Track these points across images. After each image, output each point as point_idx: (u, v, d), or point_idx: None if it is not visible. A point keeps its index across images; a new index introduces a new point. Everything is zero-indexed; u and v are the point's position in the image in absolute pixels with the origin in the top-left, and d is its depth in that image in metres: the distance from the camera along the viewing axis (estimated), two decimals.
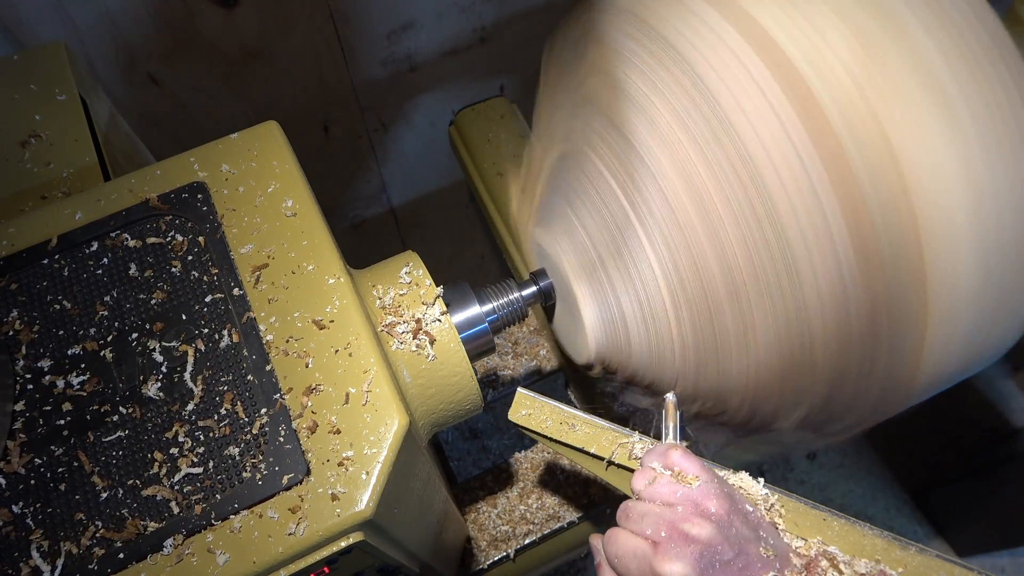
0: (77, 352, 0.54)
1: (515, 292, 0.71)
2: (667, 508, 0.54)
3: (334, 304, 0.56)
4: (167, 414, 0.52)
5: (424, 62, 1.23)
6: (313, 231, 0.59)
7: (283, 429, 0.51)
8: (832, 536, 0.58)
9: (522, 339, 1.07)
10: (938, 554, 0.57)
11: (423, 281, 0.63)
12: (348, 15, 1.09)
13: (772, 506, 0.59)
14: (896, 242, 0.50)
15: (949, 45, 0.51)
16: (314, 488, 0.49)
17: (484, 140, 1.08)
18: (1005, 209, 0.51)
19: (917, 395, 0.59)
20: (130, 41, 0.97)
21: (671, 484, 0.55)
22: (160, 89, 1.05)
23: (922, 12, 0.52)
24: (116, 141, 0.78)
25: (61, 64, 0.74)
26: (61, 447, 0.51)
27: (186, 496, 0.49)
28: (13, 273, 0.57)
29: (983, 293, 0.53)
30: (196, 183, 0.60)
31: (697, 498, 0.54)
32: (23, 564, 0.47)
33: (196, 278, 0.57)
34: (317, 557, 0.48)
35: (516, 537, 0.92)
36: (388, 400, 0.52)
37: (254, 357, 0.54)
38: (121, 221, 0.58)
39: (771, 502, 0.59)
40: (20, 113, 0.72)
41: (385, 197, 1.46)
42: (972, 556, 1.66)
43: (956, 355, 0.56)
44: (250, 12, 1.01)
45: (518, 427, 0.68)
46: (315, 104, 1.20)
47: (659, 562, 0.52)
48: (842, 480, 1.84)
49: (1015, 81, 0.51)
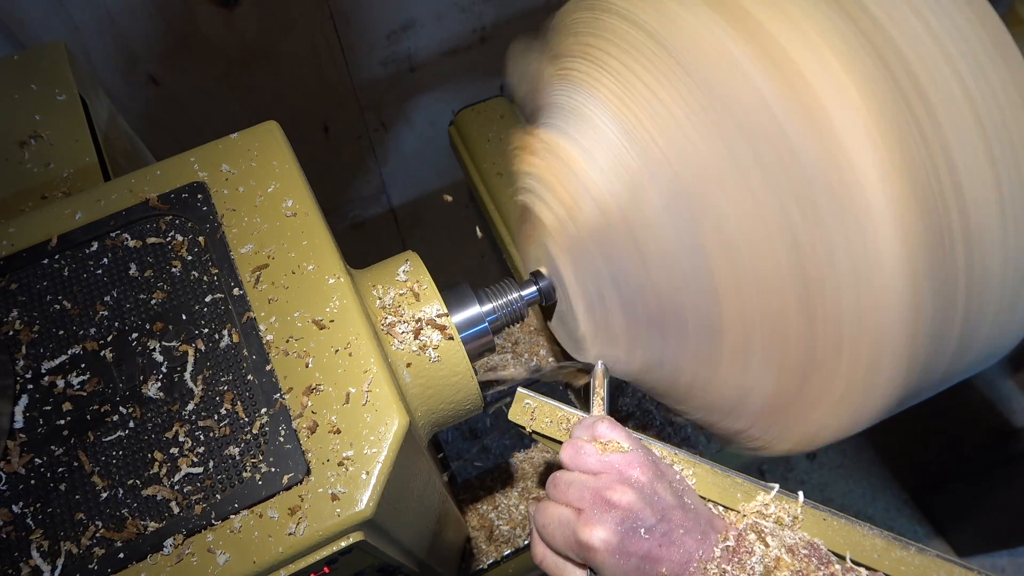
0: (77, 352, 0.54)
1: (515, 292, 0.71)
2: (591, 477, 0.56)
3: (334, 304, 0.56)
4: (167, 414, 0.52)
5: (424, 62, 1.23)
6: (313, 231, 0.59)
7: (283, 429, 0.51)
8: (832, 536, 0.58)
9: (522, 339, 1.07)
10: (938, 554, 0.57)
11: (423, 281, 0.63)
12: (348, 15, 1.09)
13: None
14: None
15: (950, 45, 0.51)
16: (314, 488, 0.49)
17: (484, 140, 1.08)
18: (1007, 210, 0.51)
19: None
20: (130, 41, 0.97)
21: (596, 454, 0.57)
22: (160, 89, 1.05)
23: (922, 11, 0.51)
24: (116, 141, 0.78)
25: (61, 64, 0.74)
26: (61, 447, 0.51)
27: (186, 496, 0.49)
28: (13, 273, 0.56)
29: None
30: (196, 183, 0.60)
31: (621, 466, 0.55)
32: (23, 564, 0.47)
33: (196, 278, 0.57)
34: (317, 557, 0.49)
35: (516, 537, 0.92)
36: (388, 400, 0.52)
37: (254, 357, 0.54)
38: (121, 221, 0.58)
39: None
40: (20, 113, 0.72)
41: (385, 197, 1.46)
42: (972, 556, 1.66)
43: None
44: (250, 12, 1.01)
45: (518, 427, 0.68)
46: (315, 104, 1.21)
47: (581, 528, 0.53)
48: (842, 480, 1.84)
49: (1015, 81, 0.51)
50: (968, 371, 0.59)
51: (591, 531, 0.52)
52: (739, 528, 0.55)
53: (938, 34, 0.50)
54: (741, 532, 0.55)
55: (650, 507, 0.53)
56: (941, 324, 0.51)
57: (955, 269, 0.49)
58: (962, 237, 0.49)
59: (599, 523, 0.52)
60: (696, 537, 0.52)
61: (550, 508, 0.57)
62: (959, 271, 0.50)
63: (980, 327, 0.53)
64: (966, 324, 0.52)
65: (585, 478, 0.56)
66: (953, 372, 0.57)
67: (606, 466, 0.56)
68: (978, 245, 0.50)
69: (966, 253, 0.49)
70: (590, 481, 0.55)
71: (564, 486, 0.56)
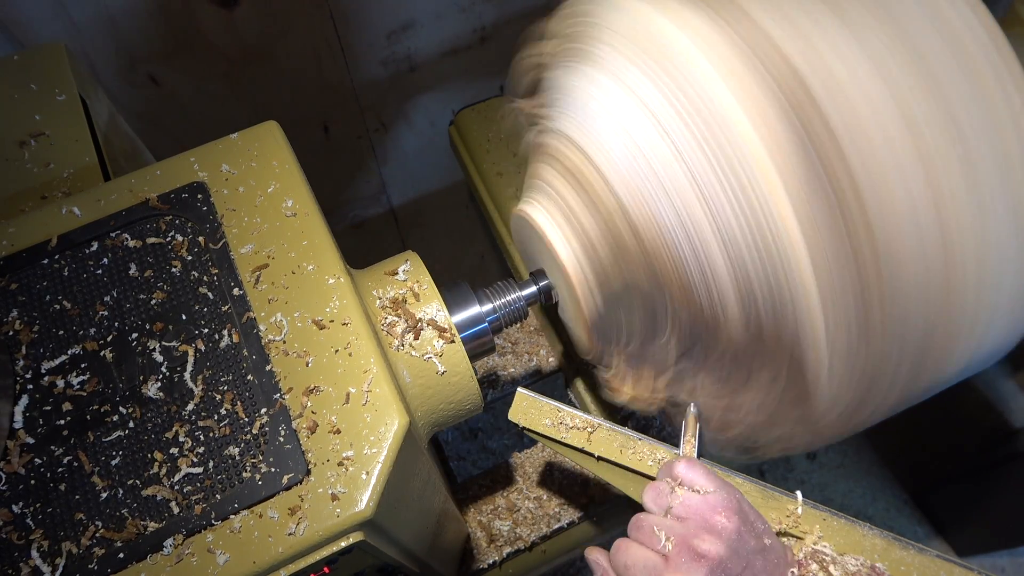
0: (77, 352, 0.54)
1: (515, 292, 0.71)
2: (678, 522, 0.55)
3: (334, 304, 0.56)
4: (167, 414, 0.52)
5: (424, 62, 1.23)
6: (313, 231, 0.59)
7: (283, 429, 0.51)
8: (832, 536, 0.58)
9: (522, 339, 1.07)
10: (938, 554, 0.57)
11: (423, 281, 0.63)
12: (348, 15, 1.09)
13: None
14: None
15: (947, 45, 0.51)
16: (314, 488, 0.49)
17: (484, 140, 1.08)
18: (1008, 211, 0.51)
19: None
20: (130, 41, 0.97)
21: (683, 497, 0.56)
22: (160, 89, 1.05)
23: (918, 11, 0.51)
24: (116, 141, 0.78)
25: (61, 64, 0.74)
26: (61, 447, 0.51)
27: (186, 496, 0.49)
28: (13, 273, 0.56)
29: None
30: (196, 183, 0.60)
31: (707, 512, 0.54)
32: (23, 564, 0.47)
33: (196, 278, 0.57)
34: (317, 557, 0.49)
35: (516, 537, 0.92)
36: (388, 400, 0.52)
37: (254, 357, 0.54)
38: (121, 221, 0.58)
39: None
40: (20, 113, 0.72)
41: (385, 197, 1.46)
42: (972, 556, 1.65)
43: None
44: (250, 12, 1.01)
45: (518, 427, 0.68)
46: (315, 104, 1.20)
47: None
48: (842, 480, 1.84)
49: (1015, 82, 0.51)
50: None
51: None
52: (800, 557, 0.56)
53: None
54: (802, 561, 0.55)
55: (736, 556, 0.52)
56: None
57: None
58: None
59: (688, 573, 0.52)
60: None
61: (633, 549, 0.56)
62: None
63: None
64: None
65: (672, 523, 0.55)
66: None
67: (691, 512, 0.55)
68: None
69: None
70: (677, 527, 0.54)
71: (649, 529, 0.55)
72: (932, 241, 0.50)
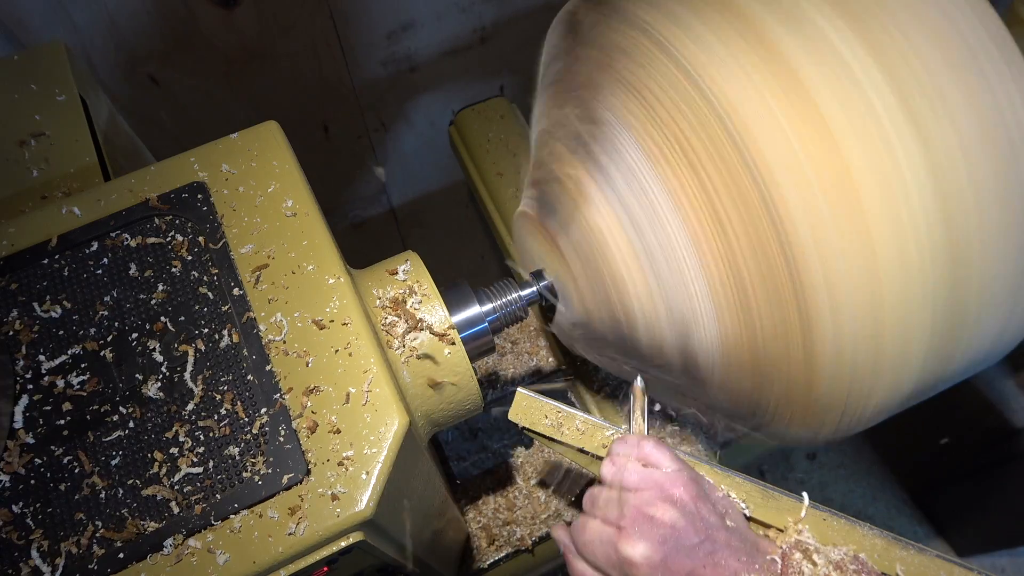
0: (77, 352, 0.54)
1: (515, 292, 0.71)
2: (633, 493, 0.55)
3: (334, 304, 0.56)
4: (167, 414, 0.52)
5: (424, 62, 1.23)
6: (313, 231, 0.59)
7: (283, 429, 0.51)
8: (833, 536, 0.58)
9: (522, 339, 1.07)
10: (938, 554, 0.57)
11: (423, 281, 0.63)
12: (348, 15, 1.09)
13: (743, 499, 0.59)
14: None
15: (947, 43, 0.51)
16: (314, 488, 0.49)
17: (484, 140, 1.08)
18: (1007, 212, 0.51)
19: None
20: (130, 41, 0.97)
21: (638, 471, 0.56)
22: (160, 89, 1.05)
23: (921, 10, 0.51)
24: (116, 141, 0.78)
25: (61, 64, 0.74)
26: (61, 447, 0.51)
27: (186, 496, 0.49)
28: (13, 273, 0.56)
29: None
30: (196, 183, 0.60)
31: (663, 484, 0.54)
32: (23, 564, 0.47)
33: (196, 278, 0.57)
34: (317, 557, 0.49)
35: (516, 537, 0.92)
36: (388, 400, 0.52)
37: (254, 357, 0.54)
38: (121, 221, 0.58)
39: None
40: (20, 113, 0.72)
41: (385, 197, 1.46)
42: (972, 556, 1.66)
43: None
44: (250, 12, 1.01)
45: (518, 427, 0.68)
46: (315, 104, 1.21)
47: (623, 544, 0.52)
48: (842, 480, 1.84)
49: (1015, 82, 0.51)
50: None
51: (633, 546, 0.51)
52: (783, 547, 0.55)
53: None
54: (786, 551, 0.54)
55: (693, 526, 0.52)
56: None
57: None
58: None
59: (641, 538, 0.51)
60: (741, 558, 0.52)
61: (590, 524, 0.56)
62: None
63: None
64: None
65: (626, 495, 0.55)
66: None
67: (648, 483, 0.55)
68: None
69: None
70: (631, 498, 0.54)
71: (604, 503, 0.55)
72: (939, 238, 0.50)
